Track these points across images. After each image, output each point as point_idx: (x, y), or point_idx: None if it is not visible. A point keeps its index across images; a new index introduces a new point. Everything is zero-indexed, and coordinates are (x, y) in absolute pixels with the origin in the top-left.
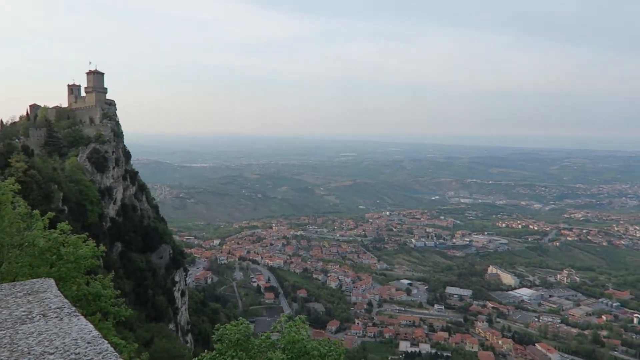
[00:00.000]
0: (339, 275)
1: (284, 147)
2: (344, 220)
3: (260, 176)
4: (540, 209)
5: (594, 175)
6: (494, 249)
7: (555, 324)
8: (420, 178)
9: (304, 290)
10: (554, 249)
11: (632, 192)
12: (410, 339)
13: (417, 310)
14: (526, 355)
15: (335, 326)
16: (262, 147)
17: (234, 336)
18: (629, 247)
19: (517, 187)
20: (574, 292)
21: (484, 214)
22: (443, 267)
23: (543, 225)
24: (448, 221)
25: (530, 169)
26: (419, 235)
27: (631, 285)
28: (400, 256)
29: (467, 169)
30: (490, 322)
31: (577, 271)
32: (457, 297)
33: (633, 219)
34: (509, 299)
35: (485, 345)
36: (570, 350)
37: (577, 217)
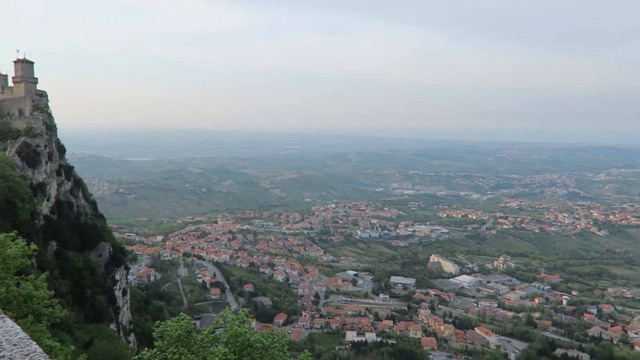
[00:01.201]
0: (285, 269)
1: (228, 140)
2: (290, 213)
3: (204, 170)
4: (478, 198)
5: (526, 166)
6: (436, 238)
7: (493, 308)
8: (365, 170)
9: (251, 285)
10: (491, 237)
11: (561, 182)
12: (356, 328)
13: (363, 300)
14: (466, 339)
15: (283, 319)
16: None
17: (175, 332)
18: (559, 234)
19: (457, 178)
20: (510, 277)
21: (426, 204)
22: (387, 257)
23: (481, 214)
24: (392, 212)
25: (469, 161)
26: (364, 227)
27: (560, 269)
28: (346, 248)
29: (410, 161)
30: (433, 309)
31: (512, 257)
32: (401, 286)
33: (562, 206)
34: (450, 286)
35: (428, 331)
36: (506, 333)
37: (512, 206)
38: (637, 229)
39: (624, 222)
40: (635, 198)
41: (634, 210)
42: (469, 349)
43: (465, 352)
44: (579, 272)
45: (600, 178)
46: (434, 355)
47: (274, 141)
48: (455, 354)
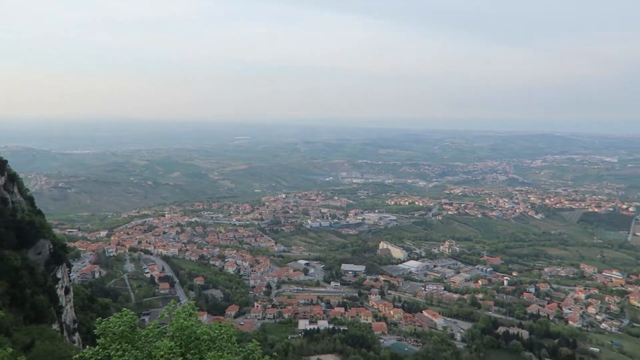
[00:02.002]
0: (236, 260)
1: (175, 131)
2: (240, 204)
3: (150, 162)
4: (424, 186)
5: (469, 154)
6: (385, 225)
7: (439, 291)
8: (315, 160)
9: (201, 278)
10: (437, 223)
11: (501, 169)
12: (308, 317)
13: (314, 289)
14: (415, 322)
15: (235, 311)
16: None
17: (118, 328)
18: (499, 218)
19: (404, 166)
20: (455, 261)
21: (374, 192)
22: (338, 246)
23: (427, 201)
24: (342, 201)
25: (415, 149)
26: (315, 216)
27: (501, 252)
28: (297, 237)
29: (359, 151)
30: (383, 295)
31: (457, 242)
32: (352, 273)
33: (502, 192)
34: (399, 271)
35: (378, 316)
36: (452, 314)
37: (456, 192)
38: (570, 212)
39: (558, 206)
40: (568, 183)
41: (567, 194)
42: (418, 331)
43: (414, 335)
44: (518, 253)
45: (537, 164)
46: (384, 339)
47: (224, 132)
48: (404, 337)
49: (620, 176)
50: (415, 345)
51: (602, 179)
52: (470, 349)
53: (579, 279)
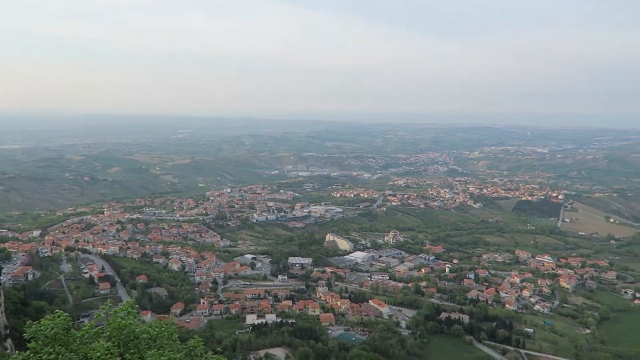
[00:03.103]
0: (181, 257)
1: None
2: (184, 199)
3: (87, 157)
4: (369, 178)
5: (411, 146)
6: (331, 217)
7: (385, 281)
8: (260, 153)
9: (144, 276)
10: (382, 214)
11: (442, 160)
12: (256, 311)
13: (262, 283)
14: (361, 312)
15: (180, 308)
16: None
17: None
18: (441, 208)
19: (349, 159)
20: (399, 250)
21: (320, 185)
22: (285, 239)
23: (372, 193)
24: (288, 194)
25: (359, 142)
26: (261, 210)
27: (443, 240)
28: (243, 232)
29: (304, 143)
30: (330, 286)
31: (401, 232)
32: (299, 266)
33: (443, 182)
34: (345, 262)
35: (326, 307)
36: (397, 302)
37: (400, 184)
38: (505, 201)
39: (494, 195)
40: (504, 173)
41: (503, 184)
42: (364, 320)
43: (361, 324)
44: (458, 241)
45: (475, 155)
46: (332, 330)
47: (165, 125)
48: (352, 327)
49: (550, 166)
50: (362, 334)
51: (534, 168)
52: (415, 336)
53: (514, 264)
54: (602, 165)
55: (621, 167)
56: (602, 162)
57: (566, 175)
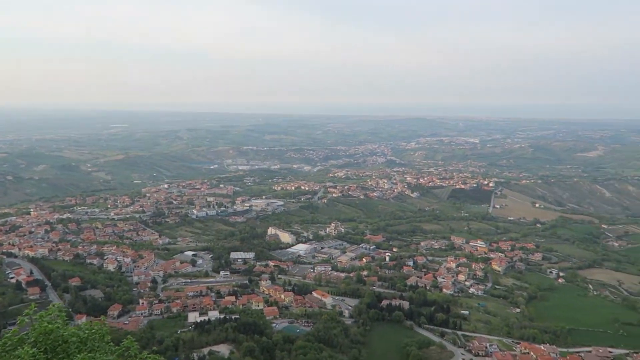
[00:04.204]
0: (117, 257)
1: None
2: (119, 197)
3: (8, 155)
4: (310, 170)
5: (351, 138)
6: (272, 211)
7: (328, 272)
8: (198, 148)
9: (78, 279)
10: (323, 206)
11: (380, 151)
12: (198, 308)
13: (203, 280)
14: (305, 303)
15: (118, 310)
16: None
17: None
18: (380, 198)
19: (289, 151)
20: (341, 241)
21: (261, 179)
22: (226, 234)
23: (313, 185)
24: (228, 189)
25: (299, 135)
26: (201, 205)
27: (383, 230)
28: (183, 228)
29: (244, 137)
30: (273, 279)
31: (342, 223)
32: (241, 260)
33: (382, 173)
34: (288, 255)
35: (269, 301)
36: (340, 292)
37: (340, 175)
38: (441, 189)
39: (431, 184)
40: (439, 162)
41: (438, 173)
42: (308, 312)
43: (305, 316)
44: (397, 230)
45: (412, 146)
46: (276, 323)
47: (96, 120)
48: (296, 319)
49: (481, 155)
50: (306, 325)
51: (466, 158)
52: (358, 324)
53: (450, 250)
54: (528, 153)
55: (545, 155)
56: (528, 150)
57: (496, 163)
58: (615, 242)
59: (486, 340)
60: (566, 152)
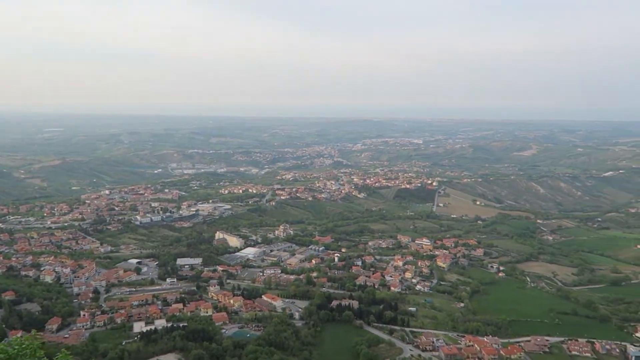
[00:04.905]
0: (55, 267)
1: None
2: (56, 204)
3: None
4: (257, 173)
5: (298, 140)
6: (220, 215)
7: (277, 275)
8: (141, 152)
9: (11, 292)
10: (271, 208)
11: (327, 153)
12: (144, 318)
13: (149, 288)
14: (255, 307)
15: (57, 324)
16: None
17: None
18: (328, 199)
19: (236, 154)
20: (290, 243)
21: (207, 182)
22: (172, 240)
23: (261, 188)
24: (173, 193)
25: (246, 137)
26: (145, 211)
27: (331, 231)
28: (126, 235)
29: (188, 140)
30: (222, 285)
31: (291, 225)
32: (188, 267)
33: (329, 175)
34: (236, 260)
35: (218, 307)
36: (290, 295)
37: (288, 177)
38: (387, 190)
39: (377, 185)
40: (385, 163)
41: (384, 173)
42: (259, 316)
43: (255, 320)
44: (346, 231)
45: (358, 148)
46: (226, 329)
47: (29, 123)
48: (246, 324)
49: (425, 155)
50: (257, 330)
51: (411, 158)
52: (308, 325)
53: (397, 248)
54: (469, 153)
55: (484, 155)
56: (469, 150)
57: (439, 163)
58: (550, 236)
59: (433, 335)
60: (504, 152)
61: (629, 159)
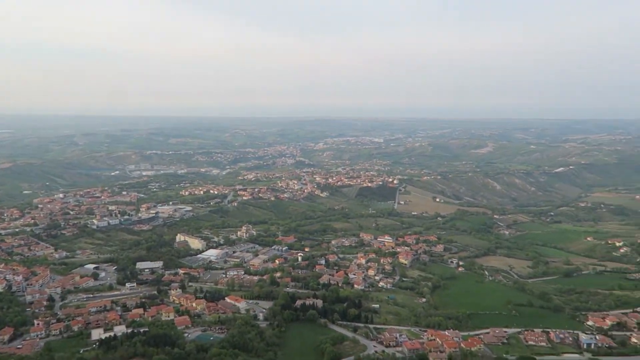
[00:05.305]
0: (6, 275)
1: None
2: (6, 210)
3: None
4: (218, 174)
5: (259, 140)
6: (180, 217)
7: (240, 276)
8: (97, 153)
9: None
10: (233, 209)
11: (289, 152)
12: (103, 324)
13: (107, 294)
14: (218, 310)
15: (8, 334)
16: None
17: None
18: (291, 199)
19: (196, 155)
20: (253, 244)
21: (167, 184)
22: (131, 244)
23: (222, 188)
24: (132, 196)
25: (207, 138)
26: (102, 215)
27: (294, 230)
28: (82, 240)
29: (146, 141)
30: (184, 288)
31: (253, 226)
32: (148, 270)
33: (291, 174)
34: (198, 262)
35: (181, 310)
36: (254, 296)
37: (250, 178)
38: (349, 188)
39: (339, 184)
40: (346, 162)
41: (346, 172)
42: (222, 318)
43: (219, 322)
44: (309, 230)
45: (320, 147)
46: (188, 333)
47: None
48: (209, 327)
49: (385, 154)
50: (220, 332)
51: (372, 157)
52: (273, 326)
53: (360, 246)
54: (428, 151)
55: (443, 152)
56: (428, 149)
57: (399, 161)
58: (506, 231)
59: (396, 331)
60: (461, 149)
61: (578, 155)
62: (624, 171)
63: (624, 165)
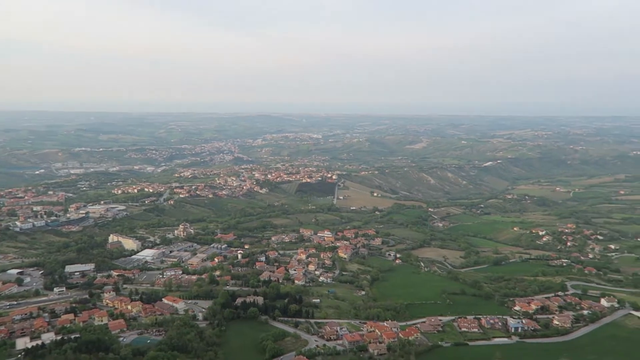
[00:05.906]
0: None
1: None
2: None
3: None
4: (153, 171)
5: (196, 136)
6: (113, 217)
7: (178, 276)
8: (19, 151)
9: None
10: (170, 208)
11: (227, 149)
12: (29, 333)
13: (33, 300)
14: (155, 311)
15: None
16: None
17: None
18: (229, 196)
19: (129, 152)
20: (191, 243)
21: (98, 183)
22: (59, 246)
23: (158, 186)
24: (59, 196)
25: (139, 134)
26: (25, 216)
27: (234, 228)
28: (4, 244)
29: (74, 138)
30: (118, 290)
31: (191, 224)
32: (79, 274)
33: (230, 171)
34: (133, 263)
35: (115, 314)
36: (192, 296)
37: (186, 175)
38: (288, 184)
39: (279, 180)
40: (285, 158)
41: (285, 168)
42: (159, 320)
43: (156, 325)
44: (248, 227)
45: (259, 143)
46: (124, 337)
47: None
48: (146, 329)
49: (324, 150)
50: (158, 334)
51: (311, 153)
52: (213, 325)
53: (300, 242)
54: (366, 147)
55: (380, 148)
56: (365, 144)
57: (338, 157)
58: (440, 223)
59: (337, 324)
60: (397, 145)
61: (505, 150)
62: (545, 165)
63: (546, 159)
